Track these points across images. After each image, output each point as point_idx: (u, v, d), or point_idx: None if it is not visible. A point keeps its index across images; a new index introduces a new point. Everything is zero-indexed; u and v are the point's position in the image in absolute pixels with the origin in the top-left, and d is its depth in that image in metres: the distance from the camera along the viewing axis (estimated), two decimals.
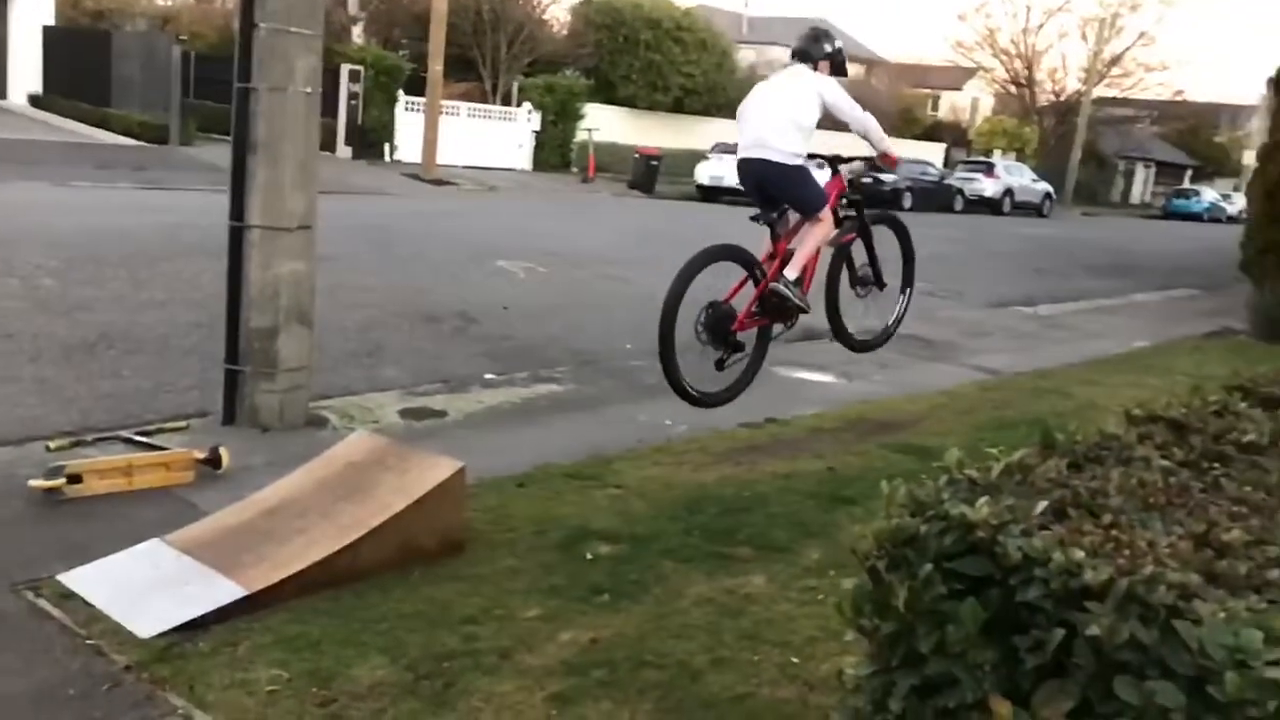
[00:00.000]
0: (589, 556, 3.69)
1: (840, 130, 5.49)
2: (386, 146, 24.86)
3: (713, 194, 24.56)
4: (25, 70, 25.76)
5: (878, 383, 6.97)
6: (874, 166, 5.75)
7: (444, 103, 23.68)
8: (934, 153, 38.09)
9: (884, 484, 1.78)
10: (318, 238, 5.22)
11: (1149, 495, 1.81)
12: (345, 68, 23.51)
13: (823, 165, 5.47)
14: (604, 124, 28.14)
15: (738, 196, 23.33)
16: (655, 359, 4.84)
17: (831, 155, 5.49)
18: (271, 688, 2.72)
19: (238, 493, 3.94)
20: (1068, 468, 1.94)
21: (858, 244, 5.70)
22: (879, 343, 6.18)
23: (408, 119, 24.83)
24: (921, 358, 8.03)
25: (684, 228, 17.16)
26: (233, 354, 5.03)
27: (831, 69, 5.32)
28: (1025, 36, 42.59)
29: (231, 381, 5.04)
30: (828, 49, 5.31)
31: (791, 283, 5.20)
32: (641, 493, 4.41)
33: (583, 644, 3.03)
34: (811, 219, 5.27)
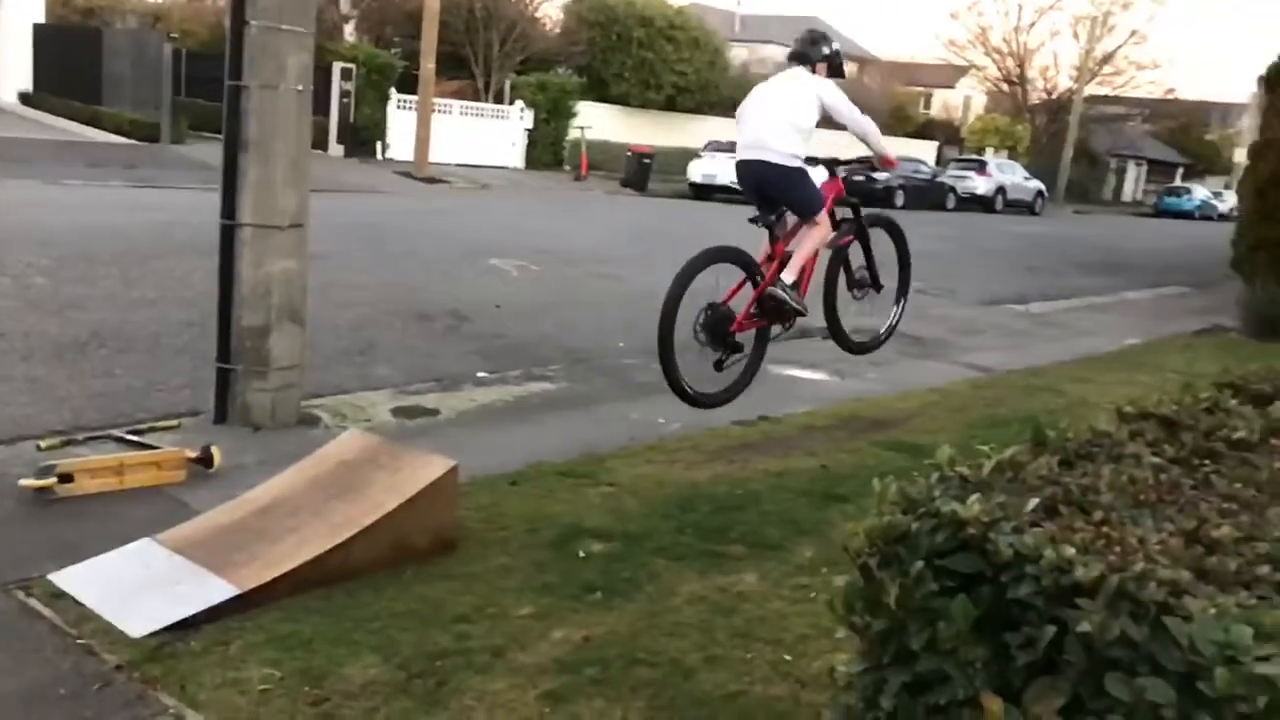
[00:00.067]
0: (582, 554, 3.69)
1: (839, 129, 5.50)
2: (379, 144, 24.83)
3: (705, 192, 24.59)
4: (15, 68, 25.65)
5: (870, 380, 6.98)
6: (870, 166, 5.76)
7: (436, 101, 23.63)
8: (926, 151, 38.16)
9: (876, 481, 1.78)
10: (310, 236, 5.21)
11: (1140, 492, 1.81)
12: (337, 66, 23.49)
13: (815, 164, 5.48)
14: (596, 122, 28.14)
15: (730, 194, 23.59)
16: (648, 357, 4.86)
17: (829, 158, 5.51)
18: (263, 687, 2.71)
19: (229, 491, 3.94)
20: (1059, 465, 1.94)
21: (855, 246, 5.72)
22: (874, 347, 6.20)
23: (400, 117, 24.79)
24: (913, 355, 8.05)
25: (677, 226, 17.17)
26: (224, 352, 5.02)
27: (829, 71, 5.34)
28: (1017, 34, 42.74)
29: (223, 380, 5.04)
30: (825, 51, 5.34)
31: (789, 286, 5.22)
32: (634, 491, 4.41)
33: (575, 642, 3.03)
34: (809, 222, 5.29)
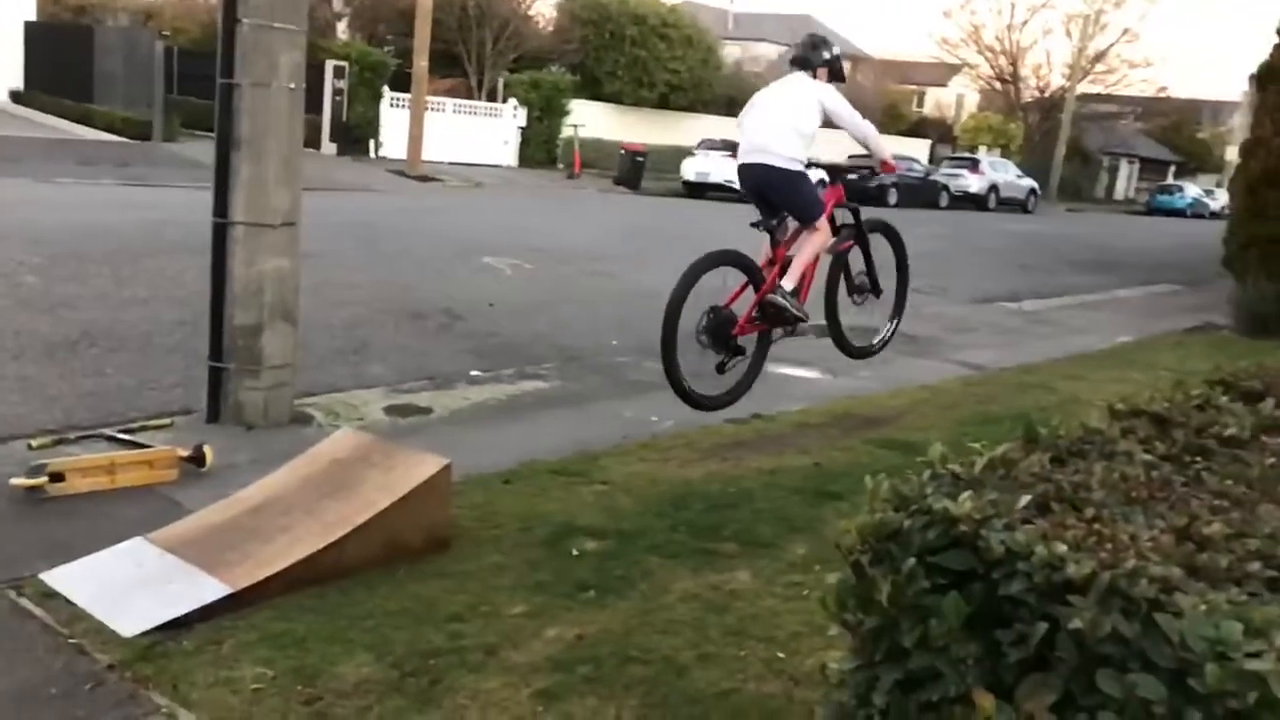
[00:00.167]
0: (575, 553, 3.69)
1: (839, 128, 5.53)
2: (371, 143, 24.79)
3: (698, 190, 24.58)
4: (6, 66, 25.57)
5: (863, 378, 6.98)
6: (870, 170, 5.80)
7: (429, 99, 23.60)
8: (919, 149, 38.19)
9: (868, 479, 1.78)
10: (302, 234, 5.20)
11: (1131, 489, 1.82)
12: (330, 64, 23.44)
13: (816, 169, 5.51)
14: (590, 120, 28.12)
15: (724, 193, 23.61)
16: (641, 355, 4.86)
17: (831, 164, 5.55)
18: (256, 686, 2.71)
19: (222, 490, 3.93)
20: (1050, 462, 1.94)
21: (855, 252, 5.76)
22: (874, 352, 6.24)
23: (393, 115, 24.75)
24: (906, 353, 8.05)
25: (670, 224, 17.18)
26: (217, 351, 5.01)
27: (830, 75, 5.39)
28: (1010, 33, 42.73)
29: (215, 379, 5.02)
30: (826, 56, 5.38)
31: (789, 293, 5.24)
32: (627, 489, 4.41)
33: (568, 640, 3.03)
34: (809, 227, 5.32)
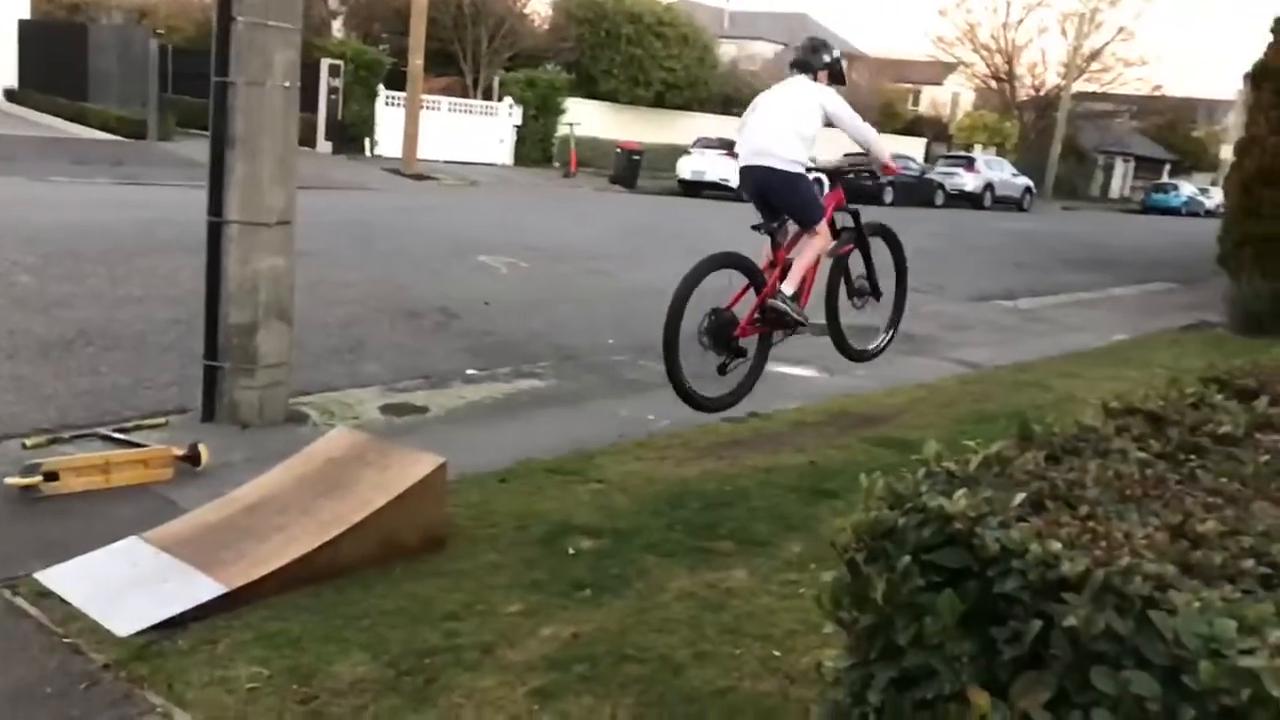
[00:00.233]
0: (571, 551, 3.69)
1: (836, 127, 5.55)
2: (367, 141, 24.75)
3: (694, 189, 24.57)
4: (1, 65, 25.50)
5: (859, 377, 6.98)
6: (871, 173, 5.85)
7: (425, 97, 23.57)
8: (915, 148, 38.19)
9: (863, 477, 1.78)
10: (297, 233, 5.19)
11: (1126, 487, 1.82)
12: (325, 62, 23.39)
13: (816, 172, 5.53)
14: (585, 119, 28.10)
15: (719, 191, 23.61)
16: (638, 354, 4.86)
17: (832, 168, 5.57)
18: (252, 685, 2.70)
19: (217, 489, 3.92)
20: (1045, 460, 1.94)
21: (855, 255, 5.78)
22: (874, 355, 6.28)
23: (388, 114, 24.70)
24: (902, 351, 8.04)
25: (666, 223, 17.18)
26: (212, 350, 5.00)
27: (830, 78, 5.43)
28: (1005, 31, 42.76)
29: (210, 378, 5.02)
30: (826, 59, 5.41)
31: (789, 298, 5.26)
32: (623, 487, 4.41)
33: (564, 639, 3.03)
34: (809, 231, 5.33)
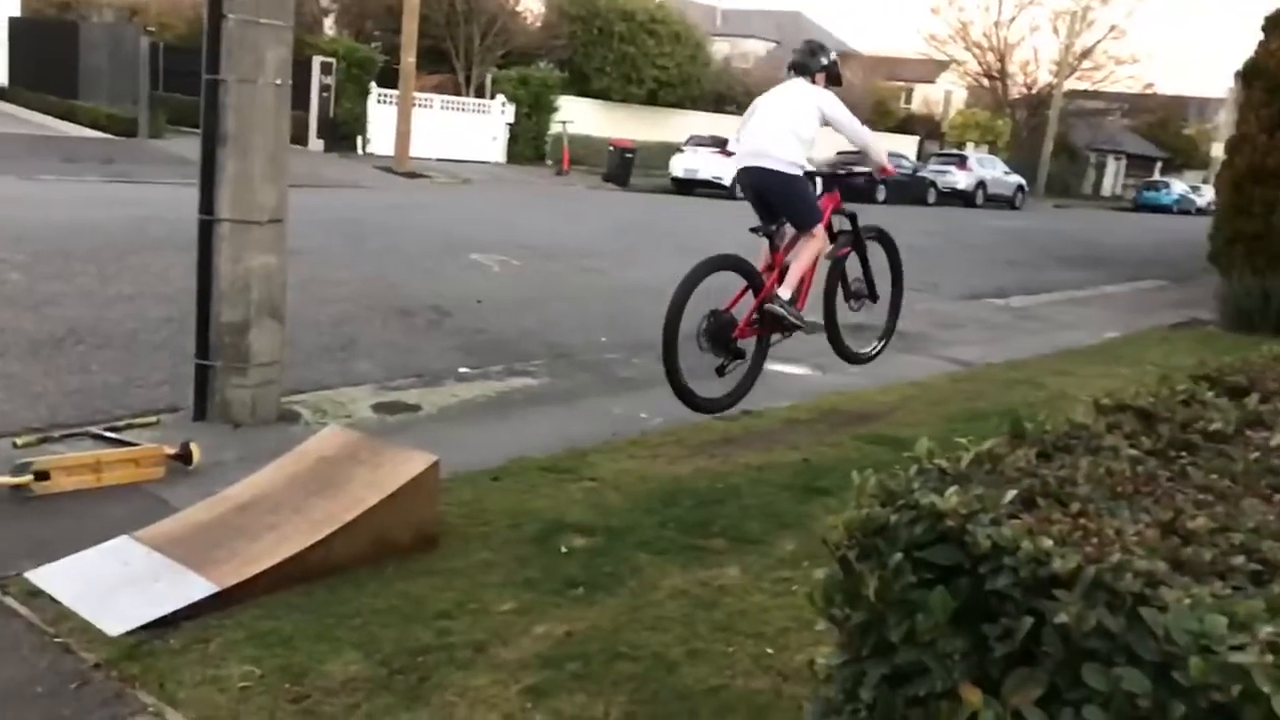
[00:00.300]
0: (564, 549, 3.69)
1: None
2: (359, 139, 24.70)
3: (687, 187, 24.58)
4: None
5: (852, 375, 6.98)
6: (869, 177, 5.90)
7: (417, 95, 23.52)
8: (907, 145, 38.27)
9: (855, 474, 1.78)
10: (289, 231, 5.18)
11: (1117, 484, 1.82)
12: (317, 60, 23.33)
13: (813, 176, 5.56)
14: (578, 117, 28.08)
15: (712, 189, 23.60)
16: (631, 351, 4.86)
17: (829, 172, 5.61)
18: (243, 684, 2.70)
19: (209, 488, 3.91)
20: (1037, 457, 1.95)
21: (852, 258, 5.81)
22: (870, 358, 6.35)
23: (380, 111, 24.65)
24: (895, 349, 8.01)
25: (659, 220, 17.18)
26: (203, 349, 4.99)
27: (828, 80, 5.49)
28: (997, 29, 42.86)
29: (202, 376, 5.00)
30: (824, 61, 5.48)
31: (785, 303, 5.30)
32: (616, 485, 4.41)
33: (557, 637, 3.03)
34: (805, 234, 5.34)
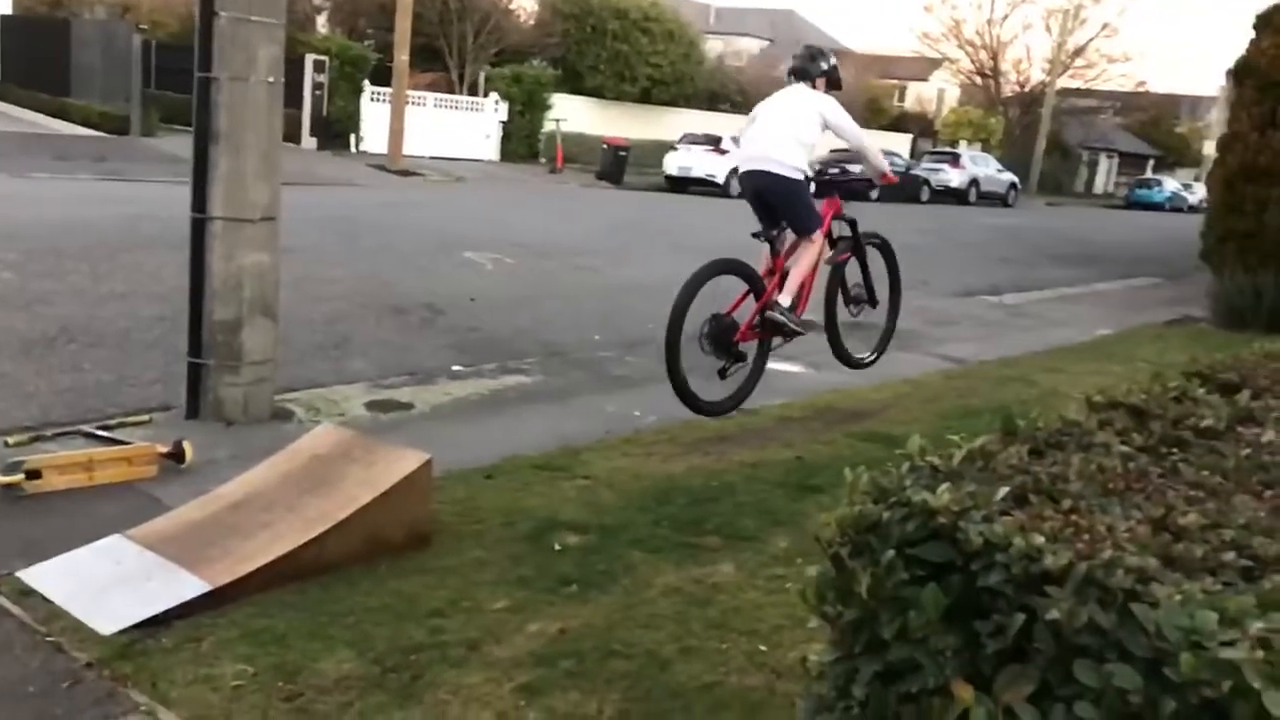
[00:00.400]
0: (557, 547, 3.69)
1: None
2: (352, 137, 24.66)
3: (681, 185, 24.58)
4: None
5: (845, 373, 6.97)
6: (869, 183, 5.93)
7: (410, 93, 23.50)
8: (900, 143, 38.28)
9: (848, 471, 1.78)
10: (282, 229, 5.17)
11: (1108, 480, 1.82)
12: (310, 58, 23.29)
13: (813, 182, 5.59)
14: (571, 114, 28.06)
15: (705, 187, 23.60)
16: (624, 350, 4.86)
17: (829, 178, 5.65)
18: (236, 683, 2.70)
19: (202, 487, 3.90)
20: (1029, 454, 1.95)
21: (852, 263, 5.84)
22: (870, 363, 6.39)
23: (374, 109, 24.62)
24: (889, 347, 8.07)
25: (652, 218, 17.17)
26: (196, 347, 4.97)
27: (828, 85, 5.52)
28: (990, 28, 42.94)
29: (195, 375, 4.99)
30: (824, 66, 5.52)
31: (786, 309, 5.34)
32: (610, 483, 4.41)
33: (551, 635, 3.03)
34: (805, 239, 5.36)
